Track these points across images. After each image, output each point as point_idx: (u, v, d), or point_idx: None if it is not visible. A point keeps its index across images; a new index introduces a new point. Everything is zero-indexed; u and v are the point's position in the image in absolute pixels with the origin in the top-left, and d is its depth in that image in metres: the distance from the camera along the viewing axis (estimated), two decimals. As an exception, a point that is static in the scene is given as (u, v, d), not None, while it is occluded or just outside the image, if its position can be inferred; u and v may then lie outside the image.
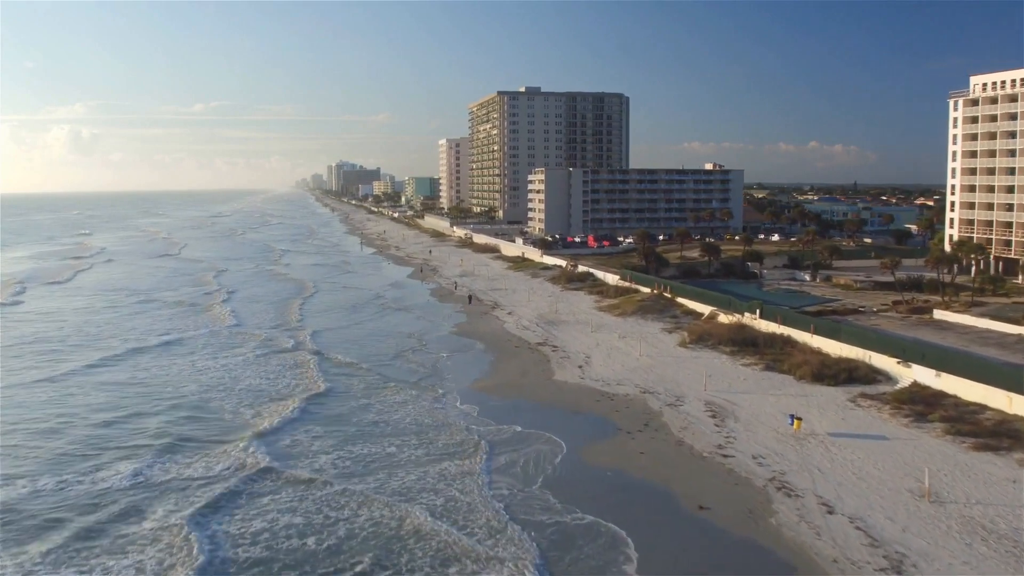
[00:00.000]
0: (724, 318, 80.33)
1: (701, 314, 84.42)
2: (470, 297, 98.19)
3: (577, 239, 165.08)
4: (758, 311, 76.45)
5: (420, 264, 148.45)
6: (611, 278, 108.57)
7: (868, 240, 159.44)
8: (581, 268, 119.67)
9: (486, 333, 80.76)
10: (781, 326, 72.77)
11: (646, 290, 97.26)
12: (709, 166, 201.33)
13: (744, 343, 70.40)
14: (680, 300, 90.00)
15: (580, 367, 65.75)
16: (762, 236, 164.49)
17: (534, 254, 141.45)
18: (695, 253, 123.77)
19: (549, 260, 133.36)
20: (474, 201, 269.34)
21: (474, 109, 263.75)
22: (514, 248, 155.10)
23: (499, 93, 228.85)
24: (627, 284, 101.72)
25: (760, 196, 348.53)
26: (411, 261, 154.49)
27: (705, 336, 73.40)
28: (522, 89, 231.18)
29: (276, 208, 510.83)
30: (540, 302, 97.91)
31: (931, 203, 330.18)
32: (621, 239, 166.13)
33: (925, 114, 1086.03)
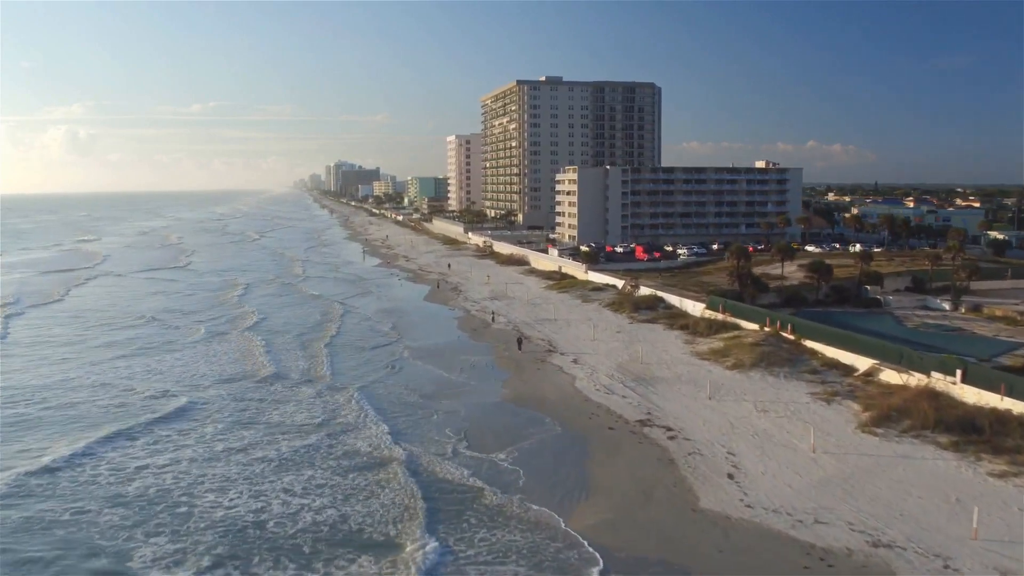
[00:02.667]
0: (895, 377, 56.09)
1: (850, 368, 60.18)
2: (520, 340, 73.47)
3: (619, 249, 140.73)
4: (959, 372, 52.13)
5: (437, 280, 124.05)
6: (691, 305, 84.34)
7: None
8: (645, 290, 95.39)
9: (555, 399, 56.30)
10: (1006, 398, 48.55)
11: (751, 326, 72.98)
12: (761, 164, 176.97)
13: (961, 428, 46.29)
14: (809, 344, 65.75)
15: (730, 476, 41.39)
16: (836, 246, 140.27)
17: (575, 269, 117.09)
18: (780, 270, 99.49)
19: (597, 277, 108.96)
20: (487, 203, 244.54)
21: (488, 102, 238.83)
22: (547, 260, 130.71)
23: (518, 82, 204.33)
24: (721, 317, 77.37)
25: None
26: (426, 276, 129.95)
27: (893, 414, 49.13)
28: (542, 79, 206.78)
29: (277, 210, 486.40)
30: (611, 342, 73.55)
31: (977, 205, 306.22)
32: (669, 248, 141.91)
33: (925, 113, 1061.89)
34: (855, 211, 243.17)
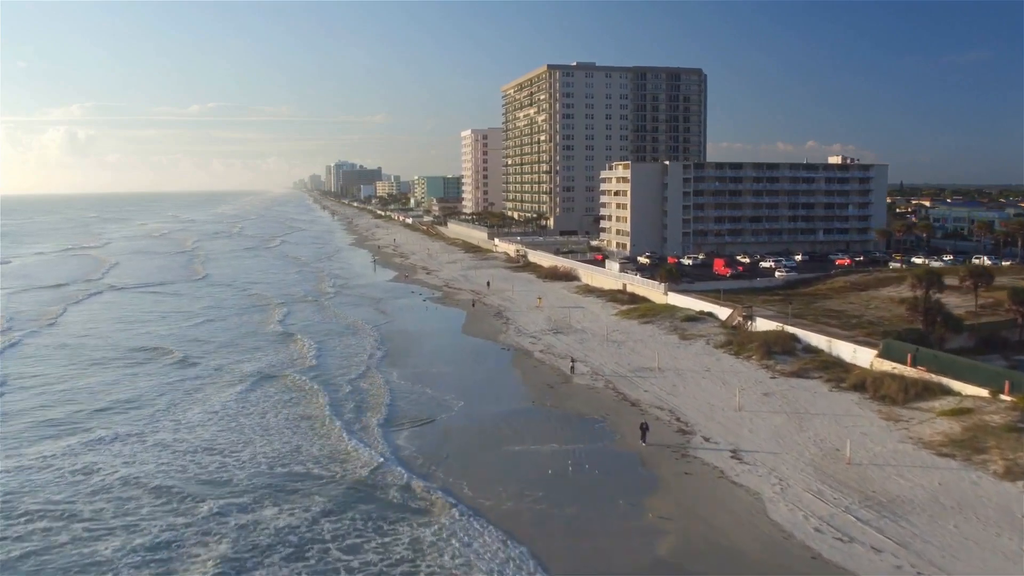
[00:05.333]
0: None
1: None
2: (645, 428, 46.27)
3: (687, 261, 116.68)
4: None
5: (471, 299, 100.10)
6: (849, 350, 60.42)
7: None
8: (763, 323, 71.36)
9: (755, 555, 32.12)
10: None
11: (974, 391, 49.06)
12: (835, 159, 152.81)
13: None
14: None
15: None
16: (949, 259, 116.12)
17: (649, 289, 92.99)
18: (953, 298, 75.18)
19: (683, 302, 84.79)
20: (509, 205, 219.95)
21: (511, 91, 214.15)
22: (605, 276, 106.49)
23: (549, 67, 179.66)
24: (912, 372, 53.32)
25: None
26: (456, 296, 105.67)
27: None
28: (574, 63, 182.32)
29: (281, 212, 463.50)
30: (766, 413, 49.43)
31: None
32: (744, 259, 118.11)
33: (930, 113, 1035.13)
34: (906, 211, 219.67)
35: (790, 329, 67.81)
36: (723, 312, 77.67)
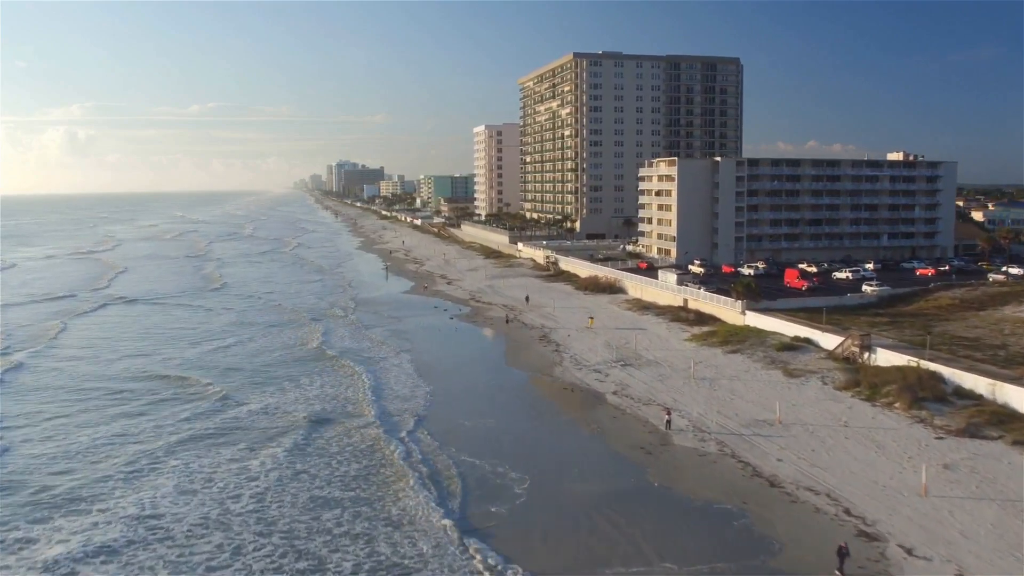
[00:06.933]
0: None
1: None
2: (843, 555, 30.52)
3: (746, 271, 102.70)
4: None
5: (505, 315, 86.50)
6: (1021, 396, 46.60)
7: None
8: (889, 356, 57.47)
9: None
10: None
11: None
12: (895, 156, 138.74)
13: None
14: None
15: None
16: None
17: (721, 307, 79.05)
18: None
19: (769, 324, 70.82)
20: (527, 205, 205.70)
21: (530, 84, 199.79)
22: (659, 290, 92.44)
23: (575, 56, 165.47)
24: None
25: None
26: (487, 313, 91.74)
27: None
28: (600, 52, 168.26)
29: (287, 212, 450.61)
30: (971, 504, 35.58)
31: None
32: (809, 267, 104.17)
33: (924, 112, 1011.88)
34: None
35: (928, 365, 53.95)
36: (825, 339, 63.79)
